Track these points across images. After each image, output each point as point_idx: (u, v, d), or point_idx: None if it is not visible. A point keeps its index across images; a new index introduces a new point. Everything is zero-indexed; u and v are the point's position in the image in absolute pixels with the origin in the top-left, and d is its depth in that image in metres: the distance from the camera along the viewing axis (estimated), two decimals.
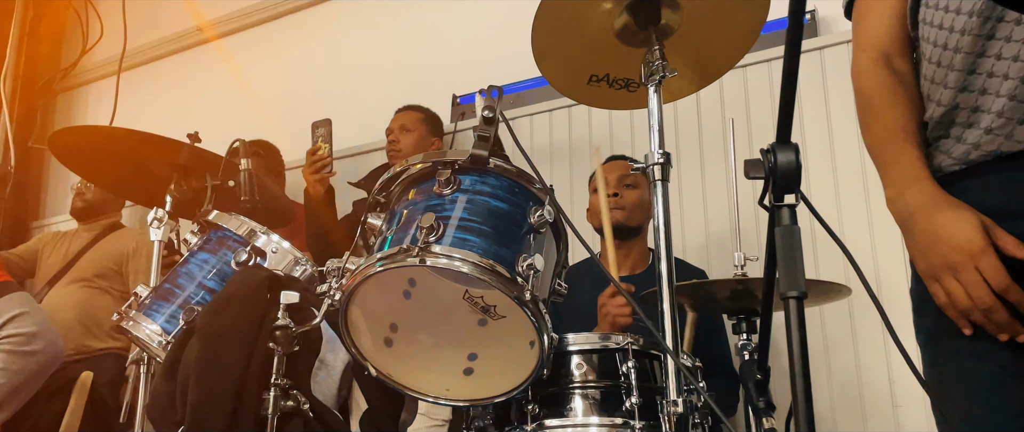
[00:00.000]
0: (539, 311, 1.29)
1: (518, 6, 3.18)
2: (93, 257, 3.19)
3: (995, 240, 1.07)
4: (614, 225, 2.22)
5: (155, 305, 1.68)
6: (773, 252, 1.06)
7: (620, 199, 2.34)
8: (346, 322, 1.40)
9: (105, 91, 4.26)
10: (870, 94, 1.26)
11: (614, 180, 2.35)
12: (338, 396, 1.89)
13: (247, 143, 1.96)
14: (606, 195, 2.17)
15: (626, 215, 2.34)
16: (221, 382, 1.39)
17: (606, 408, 1.47)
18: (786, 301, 0.97)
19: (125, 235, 3.29)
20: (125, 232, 3.33)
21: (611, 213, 2.22)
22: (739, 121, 2.65)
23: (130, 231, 3.36)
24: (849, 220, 2.44)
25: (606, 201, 2.16)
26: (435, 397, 1.45)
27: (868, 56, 1.27)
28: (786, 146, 1.03)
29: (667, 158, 1.42)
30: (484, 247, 1.29)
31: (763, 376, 1.38)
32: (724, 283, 1.72)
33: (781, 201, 1.04)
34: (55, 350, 2.05)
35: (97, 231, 3.32)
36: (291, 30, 3.92)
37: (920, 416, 2.24)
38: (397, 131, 2.95)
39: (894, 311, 1.14)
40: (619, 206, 2.33)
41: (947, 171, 1.18)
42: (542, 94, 3.06)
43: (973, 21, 1.14)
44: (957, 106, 1.17)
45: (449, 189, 1.37)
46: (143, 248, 3.17)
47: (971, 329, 1.11)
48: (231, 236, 1.73)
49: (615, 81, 1.64)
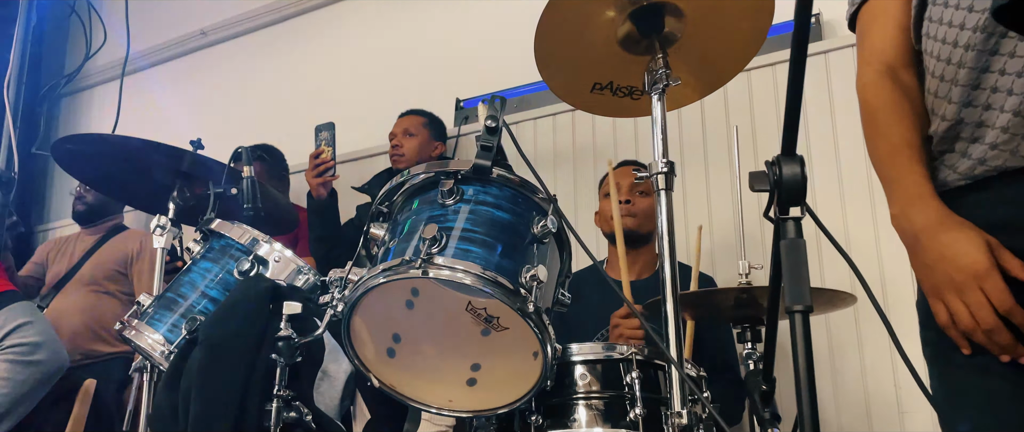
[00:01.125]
0: (542, 323, 1.29)
1: (522, 10, 3.17)
2: (98, 260, 3.19)
3: (1000, 261, 1.07)
4: (625, 232, 2.21)
5: (157, 314, 1.68)
6: (778, 264, 1.06)
7: (632, 206, 2.30)
8: (349, 333, 1.39)
9: (108, 95, 4.27)
10: (875, 108, 1.25)
11: (626, 186, 2.32)
12: (341, 406, 1.88)
13: (250, 150, 1.95)
14: (618, 202, 2.16)
15: (638, 222, 2.31)
16: (223, 393, 1.38)
17: (610, 419, 1.47)
18: (792, 315, 0.97)
19: (129, 236, 3.29)
20: (129, 234, 3.33)
21: (623, 220, 2.21)
22: (744, 125, 2.64)
23: (133, 232, 3.35)
24: (854, 226, 2.43)
25: (618, 208, 2.15)
26: (438, 408, 1.44)
27: (873, 69, 1.26)
28: (791, 158, 1.02)
29: (671, 167, 1.42)
30: (487, 258, 1.29)
31: (768, 387, 1.38)
32: (729, 292, 1.71)
33: (786, 214, 1.03)
34: (59, 360, 2.05)
35: (100, 234, 3.32)
36: (294, 34, 3.92)
37: (926, 423, 2.22)
38: (400, 135, 2.94)
39: (900, 319, 1.13)
40: (630, 213, 2.30)
41: (953, 186, 1.17)
42: (545, 98, 3.05)
43: (977, 36, 1.13)
44: (962, 121, 1.16)
45: (452, 199, 1.37)
46: (147, 249, 3.17)
47: (970, 349, 1.11)
48: (233, 245, 1.72)
49: (619, 89, 1.63)
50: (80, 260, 3.22)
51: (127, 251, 3.19)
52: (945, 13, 1.18)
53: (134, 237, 3.26)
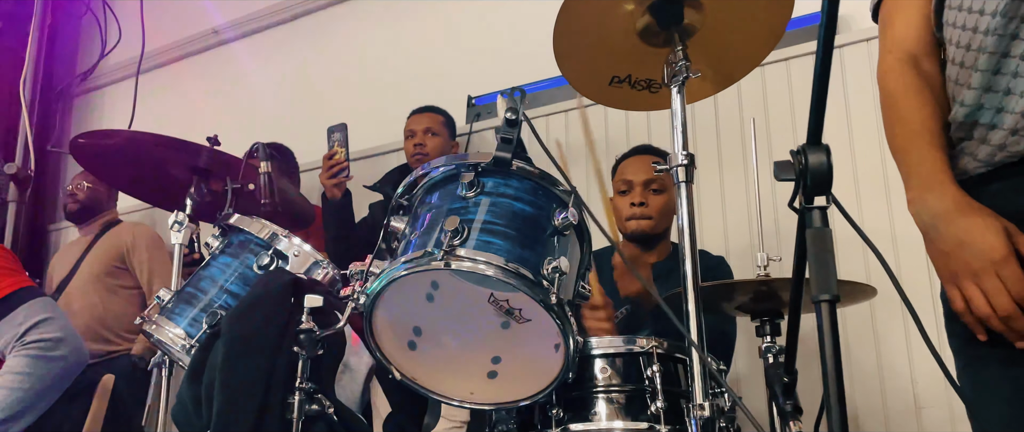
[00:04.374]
0: (565, 314, 1.29)
1: (532, 7, 3.20)
2: (94, 258, 3.22)
3: (1018, 247, 1.06)
4: (639, 234, 2.16)
5: (178, 308, 1.69)
6: (802, 254, 1.05)
7: (646, 207, 2.16)
8: (370, 326, 1.40)
9: (122, 94, 4.29)
10: (896, 95, 1.24)
11: (639, 185, 2.19)
12: (362, 399, 1.89)
13: (265, 146, 1.96)
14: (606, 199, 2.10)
15: (653, 224, 2.17)
16: (246, 386, 1.39)
17: (631, 412, 1.47)
18: (818, 305, 0.97)
19: (121, 229, 3.32)
20: (121, 227, 3.35)
21: (639, 224, 2.15)
22: (758, 120, 2.63)
23: (124, 225, 3.37)
24: (870, 220, 2.42)
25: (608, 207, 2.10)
26: (460, 400, 1.45)
27: (895, 57, 1.26)
28: (817, 147, 1.03)
29: (691, 159, 1.41)
30: (509, 250, 1.29)
31: (790, 379, 1.37)
32: (747, 284, 1.71)
33: (811, 203, 1.03)
34: (79, 355, 2.06)
35: (95, 232, 3.34)
36: (305, 32, 3.93)
37: (943, 418, 2.21)
38: (421, 133, 2.90)
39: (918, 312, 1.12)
40: (645, 215, 2.16)
41: (973, 174, 1.17)
42: (557, 94, 3.05)
43: (997, 21, 1.12)
44: (981, 106, 1.15)
45: (473, 192, 1.37)
46: (140, 238, 3.20)
47: (986, 336, 1.10)
48: (252, 239, 1.73)
49: (637, 82, 1.63)
50: (77, 261, 3.25)
51: (121, 245, 3.21)
52: (965, 0, 1.18)
53: (126, 230, 3.28)
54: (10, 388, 1.94)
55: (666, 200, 2.19)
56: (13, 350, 1.96)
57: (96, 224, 3.37)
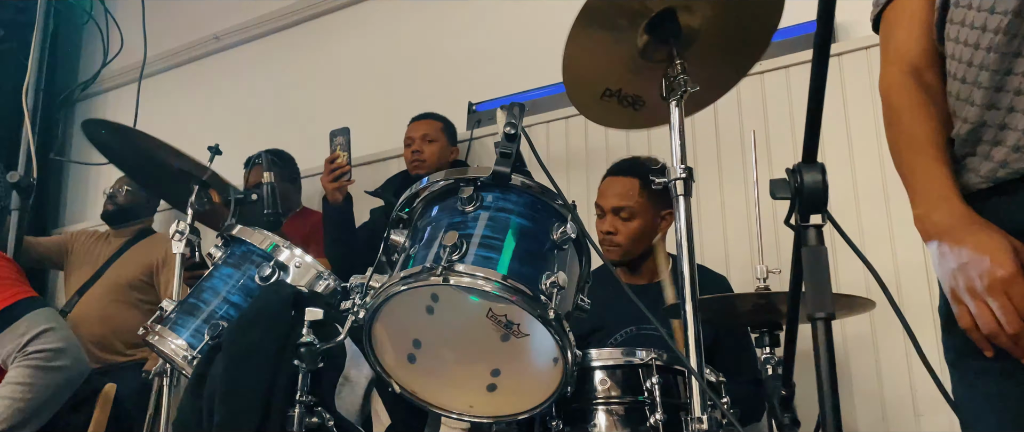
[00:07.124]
0: (562, 329, 1.30)
1: (535, 13, 3.20)
2: (123, 266, 3.18)
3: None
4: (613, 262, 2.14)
5: (180, 319, 1.69)
6: (798, 271, 1.06)
7: (615, 236, 2.13)
8: (370, 339, 1.40)
9: (124, 100, 4.30)
10: (899, 108, 1.24)
11: (608, 211, 2.14)
12: (361, 412, 1.89)
13: (267, 155, 1.97)
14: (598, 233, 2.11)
15: (622, 251, 2.15)
16: (247, 399, 1.40)
17: (630, 424, 1.48)
18: (814, 322, 0.97)
19: (155, 242, 3.26)
20: (155, 239, 3.30)
21: (606, 251, 2.12)
22: (758, 129, 2.63)
23: (160, 237, 3.31)
24: (869, 231, 2.42)
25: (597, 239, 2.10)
26: (459, 413, 1.45)
27: (897, 69, 1.25)
28: (812, 166, 1.03)
29: (689, 173, 1.42)
30: (507, 265, 1.30)
31: (788, 392, 1.38)
32: (746, 297, 1.72)
33: (807, 221, 1.04)
34: (80, 366, 2.07)
35: (127, 237, 3.30)
36: (306, 38, 3.94)
37: (943, 425, 2.22)
38: (419, 140, 2.91)
39: (915, 324, 1.13)
40: (613, 244, 2.13)
41: (975, 190, 1.17)
42: (557, 101, 3.05)
43: (999, 39, 1.12)
44: (984, 123, 1.15)
45: (471, 206, 1.38)
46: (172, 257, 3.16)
47: (993, 352, 1.10)
48: (254, 250, 1.73)
49: (625, 97, 1.63)
50: (104, 264, 3.21)
51: (152, 260, 3.15)
52: (967, 15, 1.17)
53: (159, 244, 3.20)
54: (12, 398, 1.95)
55: (638, 226, 2.15)
56: (15, 361, 1.97)
57: (130, 229, 3.33)
